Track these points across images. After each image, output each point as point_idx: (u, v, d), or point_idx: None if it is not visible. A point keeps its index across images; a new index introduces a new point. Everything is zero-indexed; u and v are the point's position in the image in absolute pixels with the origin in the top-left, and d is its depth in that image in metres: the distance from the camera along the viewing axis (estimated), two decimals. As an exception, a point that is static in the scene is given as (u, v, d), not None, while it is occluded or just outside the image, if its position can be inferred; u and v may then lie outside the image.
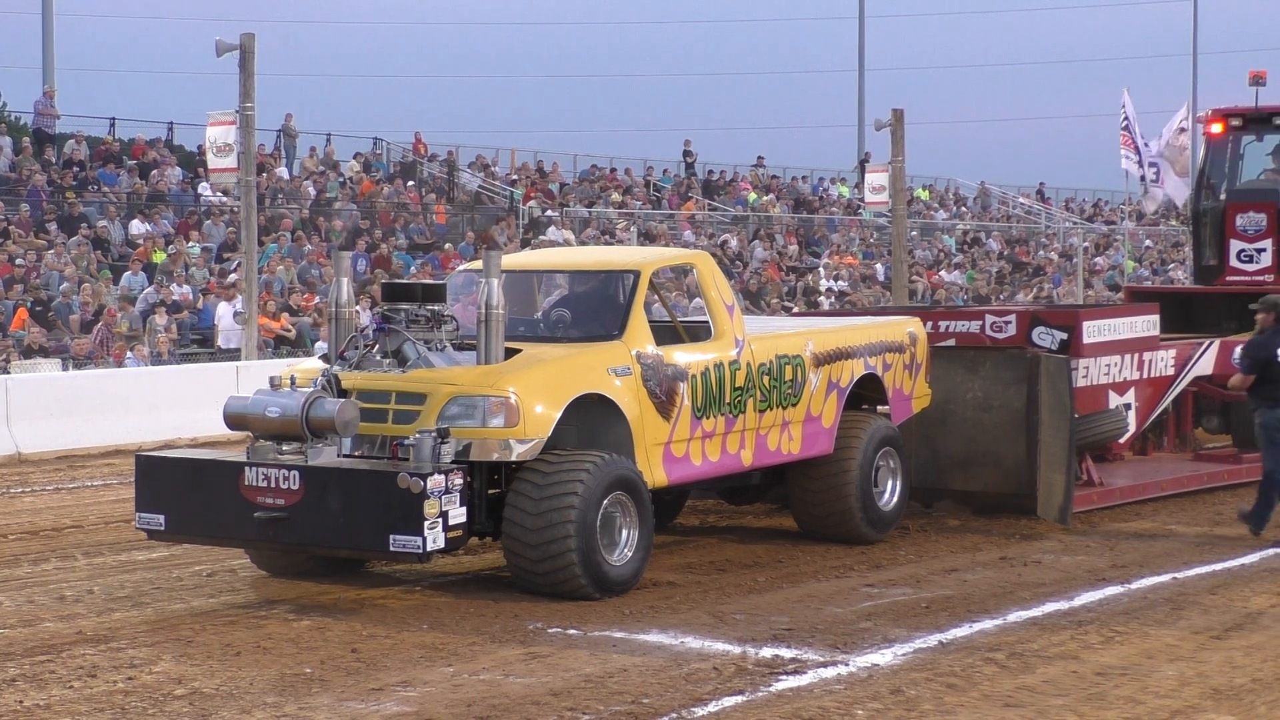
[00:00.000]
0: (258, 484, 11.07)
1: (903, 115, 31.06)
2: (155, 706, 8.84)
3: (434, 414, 11.17)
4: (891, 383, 14.39)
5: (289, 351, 27.29)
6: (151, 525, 11.58)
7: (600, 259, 14.17)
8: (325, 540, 11.15)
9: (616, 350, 11.99)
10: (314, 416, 11.03)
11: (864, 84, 60.59)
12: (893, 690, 9.18)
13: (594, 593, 11.31)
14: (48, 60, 41.21)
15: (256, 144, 26.55)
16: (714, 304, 12.97)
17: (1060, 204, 62.52)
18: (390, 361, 11.72)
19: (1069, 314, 16.06)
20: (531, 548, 11.18)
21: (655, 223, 42.68)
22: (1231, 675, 9.57)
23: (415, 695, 9.06)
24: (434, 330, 11.91)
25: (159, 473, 11.67)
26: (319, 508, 10.92)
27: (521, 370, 11.48)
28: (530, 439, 11.23)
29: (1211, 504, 16.33)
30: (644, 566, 11.80)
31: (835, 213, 50.20)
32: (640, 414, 11.94)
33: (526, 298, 13.22)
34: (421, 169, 43.07)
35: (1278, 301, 14.88)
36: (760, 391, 12.97)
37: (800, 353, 13.43)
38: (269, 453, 11.26)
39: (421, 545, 10.64)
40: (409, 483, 10.58)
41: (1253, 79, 22.84)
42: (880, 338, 14.36)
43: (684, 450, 12.36)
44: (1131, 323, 16.40)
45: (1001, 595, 11.84)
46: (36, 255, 28.83)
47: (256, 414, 11.29)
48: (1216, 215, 21.19)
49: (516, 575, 11.47)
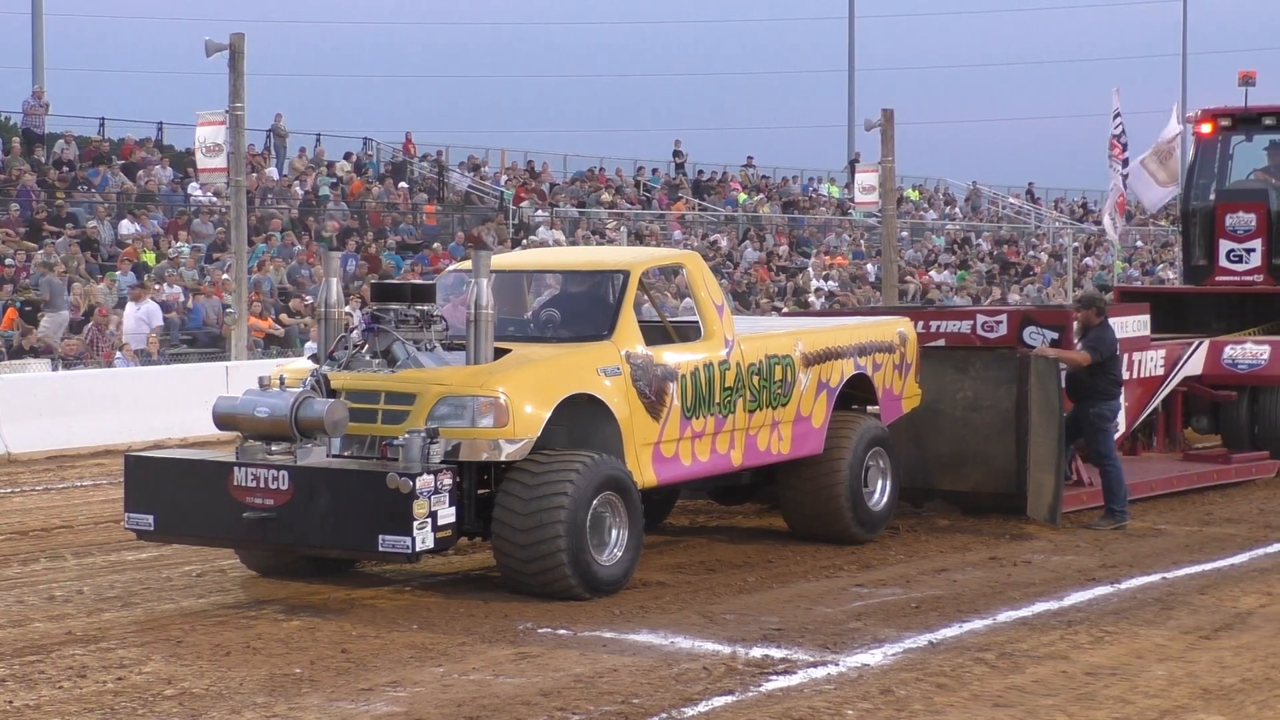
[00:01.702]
0: (247, 484, 11.04)
1: (893, 115, 31.09)
2: (145, 707, 8.83)
3: (423, 414, 11.15)
4: (881, 383, 14.37)
5: (279, 352, 27.28)
6: (141, 525, 11.56)
7: (590, 259, 14.11)
8: (314, 540, 11.13)
9: (606, 350, 11.97)
10: (303, 416, 11.00)
11: (854, 84, 60.64)
12: (883, 690, 9.18)
13: (584, 593, 11.30)
14: (37, 60, 41.15)
15: (246, 144, 26.53)
16: (703, 304, 12.96)
17: (1050, 204, 62.58)
18: (379, 361, 11.71)
19: (1060, 314, 16.09)
20: (521, 548, 11.16)
21: (645, 223, 42.69)
22: (1221, 675, 9.57)
23: (405, 695, 9.05)
24: (423, 330, 11.89)
25: (148, 473, 11.64)
26: (308, 508, 10.90)
27: (511, 370, 11.47)
28: (520, 439, 11.22)
29: (1201, 504, 16.35)
30: (634, 567, 11.79)
31: (825, 213, 50.23)
32: (630, 414, 11.93)
33: (516, 298, 13.21)
34: (411, 169, 43.05)
35: (1096, 297, 15.36)
36: (750, 391, 12.95)
37: (790, 353, 13.41)
38: (258, 453, 11.23)
39: (410, 545, 10.62)
40: (398, 483, 10.56)
41: (1242, 79, 22.87)
42: (870, 338, 14.34)
43: (674, 450, 12.34)
44: (1123, 323, 16.41)
45: (991, 595, 11.84)
46: (26, 256, 28.79)
47: (245, 414, 11.26)
48: (1206, 215, 21.22)
49: (506, 575, 11.45)
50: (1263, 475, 17.69)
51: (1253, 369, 18.06)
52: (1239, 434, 18.33)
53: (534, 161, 47.43)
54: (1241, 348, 18.24)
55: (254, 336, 26.56)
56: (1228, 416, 18.44)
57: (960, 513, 15.28)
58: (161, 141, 39.10)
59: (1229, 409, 18.38)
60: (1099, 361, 14.71)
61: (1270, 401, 18.13)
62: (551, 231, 38.77)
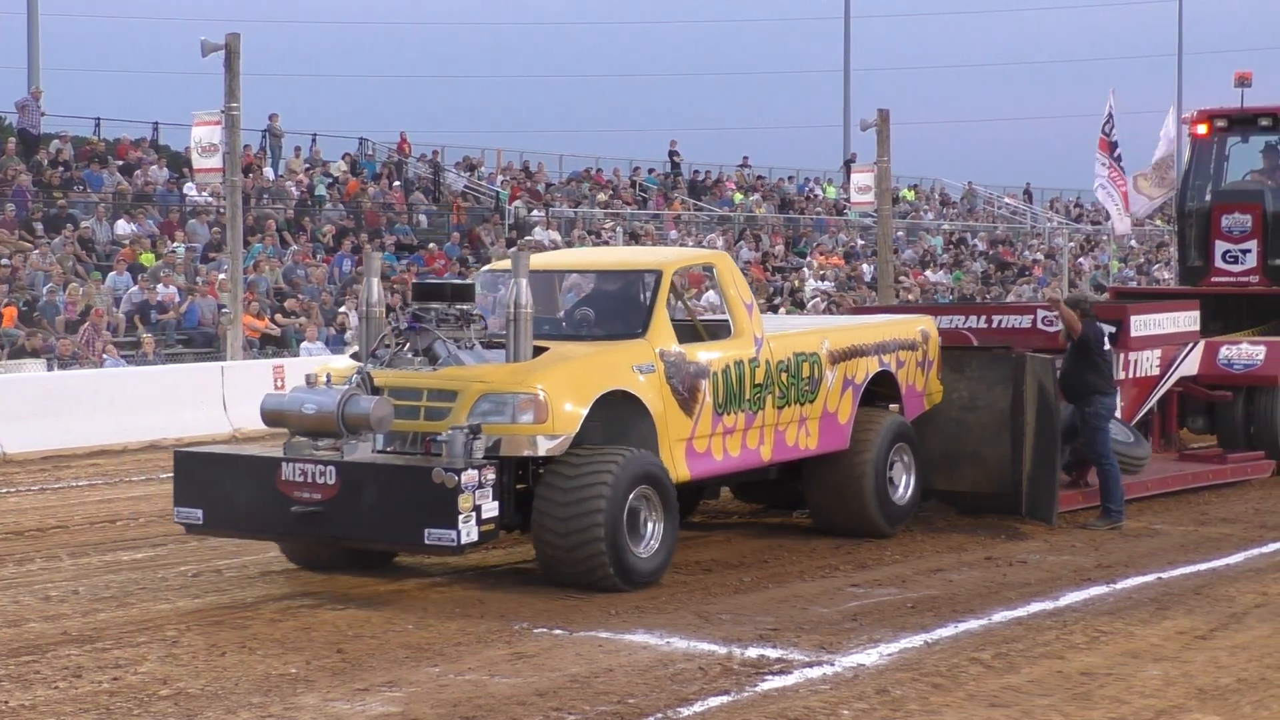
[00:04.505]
0: (294, 479, 11.32)
1: (888, 115, 31.06)
2: (140, 707, 8.83)
3: (465, 411, 11.41)
4: (905, 380, 14.61)
5: (274, 352, 27.26)
6: (189, 519, 11.86)
7: (623, 259, 14.52)
8: (361, 534, 11.39)
9: (641, 348, 12.24)
10: (349, 413, 11.27)
11: (850, 84, 60.69)
12: (878, 690, 9.18)
13: (622, 585, 11.57)
14: (33, 60, 41.09)
15: (242, 144, 26.51)
16: (733, 302, 13.24)
17: (1045, 204, 62.59)
18: (421, 360, 11.98)
19: (1118, 307, 16.21)
20: (561, 538, 11.43)
21: (641, 223, 42.67)
22: (1216, 675, 9.58)
23: (401, 695, 9.05)
24: (463, 329, 12.20)
25: (196, 468, 11.96)
26: (355, 502, 11.16)
27: (550, 368, 11.74)
28: (559, 435, 11.49)
29: (1196, 504, 16.35)
30: (669, 559, 12.05)
31: (821, 213, 50.22)
32: (664, 410, 12.20)
33: (548, 297, 13.41)
34: (407, 169, 43.02)
35: (1082, 298, 15.69)
36: (779, 388, 13.21)
37: (817, 350, 13.67)
38: (305, 449, 11.50)
39: (456, 539, 10.88)
40: (444, 478, 10.81)
41: (1238, 80, 22.89)
42: (893, 335, 14.58)
43: (706, 446, 12.62)
44: (1175, 318, 16.66)
45: (987, 595, 11.85)
46: (23, 256, 28.75)
47: (293, 411, 11.53)
48: (1202, 216, 21.23)
49: (546, 568, 11.71)
50: (1258, 475, 17.70)
51: (1248, 369, 18.08)
52: (1234, 434, 18.35)
53: (529, 162, 47.43)
54: (1237, 348, 18.26)
55: (249, 336, 26.54)
56: (1223, 417, 18.45)
57: (956, 513, 15.29)
58: (157, 141, 39.05)
59: (1224, 409, 18.39)
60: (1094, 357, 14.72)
61: (1266, 402, 18.14)
62: (547, 232, 38.74)
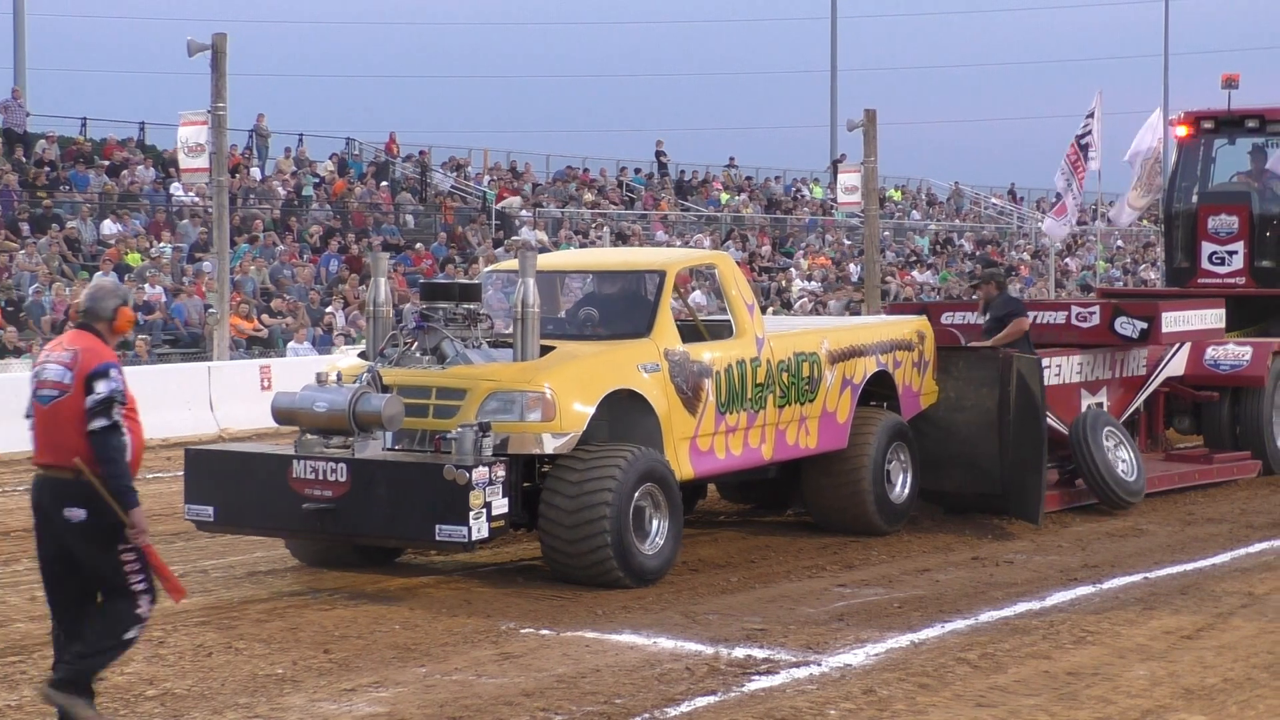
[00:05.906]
0: (306, 476, 11.39)
1: (875, 116, 31.09)
2: (127, 707, 8.82)
3: (473, 409, 11.54)
4: (902, 380, 14.71)
5: (261, 352, 27.22)
6: (201, 517, 11.96)
7: (627, 259, 14.73)
8: (372, 531, 11.48)
9: (646, 347, 12.38)
10: (361, 411, 11.36)
11: (836, 84, 60.61)
12: (865, 690, 9.19)
13: (629, 581, 11.68)
14: (19, 60, 41.02)
15: (229, 144, 26.47)
16: (735, 303, 13.35)
17: (1032, 204, 62.63)
18: (429, 358, 12.10)
19: (1149, 305, 16.32)
20: (568, 534, 11.53)
21: (628, 223, 42.66)
22: (1203, 675, 9.59)
23: (388, 696, 9.04)
24: (470, 328, 12.33)
25: (208, 466, 12.07)
26: (366, 499, 11.25)
27: (557, 366, 11.87)
28: (566, 433, 11.62)
29: (1183, 504, 16.37)
30: (675, 556, 12.18)
31: (808, 214, 50.24)
32: (669, 409, 12.31)
33: (551, 297, 13.50)
34: (394, 169, 42.99)
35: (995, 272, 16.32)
36: (780, 388, 13.33)
37: (816, 350, 13.78)
38: (316, 446, 11.57)
39: (467, 535, 10.99)
40: (455, 475, 10.91)
41: (1225, 82, 22.97)
42: (891, 336, 14.70)
43: (709, 444, 12.73)
44: (1202, 315, 16.89)
45: (974, 595, 11.86)
46: (9, 256, 28.68)
47: (305, 409, 11.63)
48: (1189, 217, 21.27)
49: (552, 564, 11.82)
50: (1244, 475, 17.73)
51: (1234, 370, 18.10)
52: (1221, 434, 18.37)
53: (516, 161, 47.41)
54: (1224, 349, 18.28)
55: (235, 337, 26.49)
56: (1209, 417, 18.47)
57: (943, 512, 15.30)
58: (144, 142, 38.98)
59: (1211, 409, 18.41)
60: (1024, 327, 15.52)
61: (1252, 402, 18.17)
62: (534, 232, 38.71)
